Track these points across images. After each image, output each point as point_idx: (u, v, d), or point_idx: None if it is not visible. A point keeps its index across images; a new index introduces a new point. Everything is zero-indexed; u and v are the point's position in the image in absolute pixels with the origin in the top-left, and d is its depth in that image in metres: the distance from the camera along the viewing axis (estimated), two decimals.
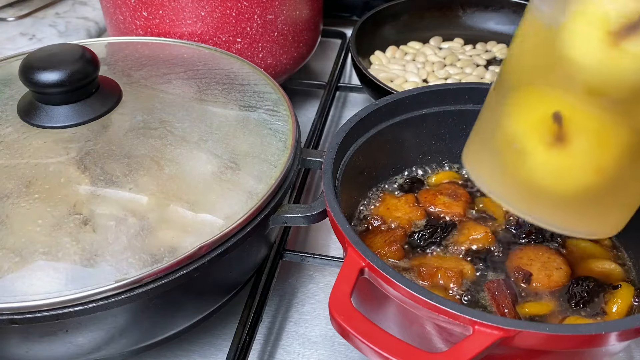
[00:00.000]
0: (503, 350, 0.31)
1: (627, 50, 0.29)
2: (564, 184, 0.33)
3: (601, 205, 0.34)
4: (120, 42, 0.55)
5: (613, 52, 0.29)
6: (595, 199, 0.34)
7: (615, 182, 0.33)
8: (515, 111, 0.34)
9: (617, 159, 0.32)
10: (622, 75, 0.30)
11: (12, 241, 0.35)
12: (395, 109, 0.47)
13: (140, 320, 0.38)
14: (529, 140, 0.34)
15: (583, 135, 0.32)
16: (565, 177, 0.33)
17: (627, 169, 0.32)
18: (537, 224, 0.36)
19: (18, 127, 0.42)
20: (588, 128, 0.31)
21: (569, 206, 0.34)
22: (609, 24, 0.29)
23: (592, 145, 0.32)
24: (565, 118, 0.32)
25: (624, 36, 0.29)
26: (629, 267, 0.43)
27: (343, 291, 0.32)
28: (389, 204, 0.47)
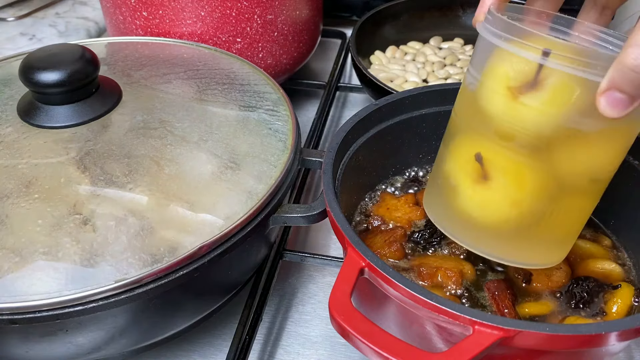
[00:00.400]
0: (503, 350, 0.31)
1: (524, 102, 0.34)
2: (488, 216, 0.38)
3: (532, 237, 0.38)
4: (120, 42, 0.55)
5: (514, 104, 0.34)
6: (523, 231, 0.37)
7: (537, 215, 0.37)
8: (451, 154, 0.39)
9: (532, 194, 0.36)
10: (523, 124, 0.34)
11: (12, 241, 0.35)
12: (395, 109, 0.47)
13: (140, 320, 0.38)
14: (459, 177, 0.39)
15: (499, 173, 0.36)
16: (488, 209, 0.37)
17: (546, 203, 0.36)
18: (483, 255, 0.39)
19: (18, 127, 0.42)
20: (503, 167, 0.36)
21: (502, 238, 0.38)
22: (509, 81, 0.34)
23: (508, 182, 0.36)
24: (485, 158, 0.37)
25: (522, 91, 0.34)
26: (629, 267, 0.43)
27: (343, 291, 0.32)
28: (389, 204, 0.47)
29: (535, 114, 0.34)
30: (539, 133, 0.34)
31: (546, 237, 0.38)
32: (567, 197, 0.36)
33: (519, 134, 0.34)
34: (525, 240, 0.38)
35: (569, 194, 0.36)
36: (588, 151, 0.34)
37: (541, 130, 0.34)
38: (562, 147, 0.34)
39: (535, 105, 0.33)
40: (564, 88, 0.32)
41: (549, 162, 0.35)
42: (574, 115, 0.33)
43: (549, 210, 0.36)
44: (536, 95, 0.33)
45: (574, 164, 0.35)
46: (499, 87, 0.35)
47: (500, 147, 0.36)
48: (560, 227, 0.38)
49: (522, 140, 0.34)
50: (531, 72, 0.33)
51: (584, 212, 0.38)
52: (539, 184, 0.36)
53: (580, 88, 0.32)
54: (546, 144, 0.34)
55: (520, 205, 0.36)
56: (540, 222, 0.37)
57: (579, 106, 0.32)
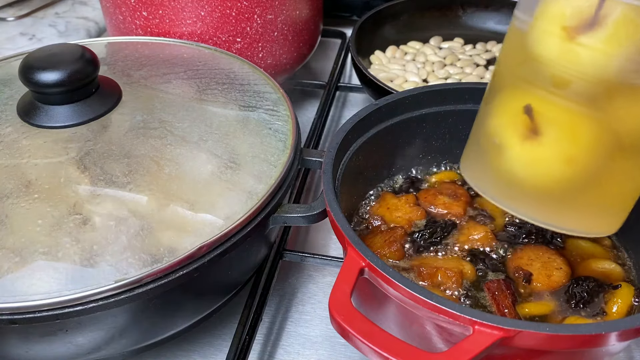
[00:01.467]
0: (503, 350, 0.31)
1: (582, 43, 0.31)
2: (539, 175, 0.35)
3: (585, 201, 0.35)
4: (120, 42, 0.55)
5: (570, 46, 0.32)
6: (576, 193, 0.35)
7: (592, 175, 0.34)
8: (495, 110, 0.37)
9: (588, 151, 0.33)
10: (580, 67, 0.32)
11: (12, 241, 0.35)
12: (395, 109, 0.47)
13: (140, 320, 0.38)
14: (506, 134, 0.36)
15: (552, 126, 0.34)
16: (539, 168, 0.35)
17: (602, 162, 0.33)
18: (529, 221, 0.37)
19: (18, 127, 0.42)
20: (557, 120, 0.33)
21: (553, 201, 0.36)
22: (565, 20, 0.32)
23: (562, 136, 0.34)
24: (535, 110, 0.34)
25: (579, 31, 0.31)
26: (629, 267, 0.43)
27: (343, 291, 0.32)
28: (389, 204, 0.47)
29: (595, 55, 0.31)
30: (599, 77, 0.31)
31: (602, 202, 0.35)
32: (626, 158, 0.34)
33: (576, 79, 0.32)
34: (578, 204, 0.35)
35: (628, 154, 0.33)
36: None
37: (602, 73, 0.31)
38: (624, 97, 0.31)
39: (595, 45, 0.30)
40: (628, 24, 0.30)
41: (608, 114, 0.32)
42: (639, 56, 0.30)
43: (606, 171, 0.34)
44: (596, 34, 0.30)
45: (635, 119, 0.32)
46: (553, 28, 0.32)
47: (554, 97, 0.33)
48: (617, 192, 0.35)
49: (579, 87, 0.32)
50: (590, 9, 0.30)
51: None
52: (596, 139, 0.33)
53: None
54: (606, 91, 0.31)
55: (575, 163, 0.33)
56: (596, 184, 0.34)
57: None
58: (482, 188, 0.39)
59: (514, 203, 0.37)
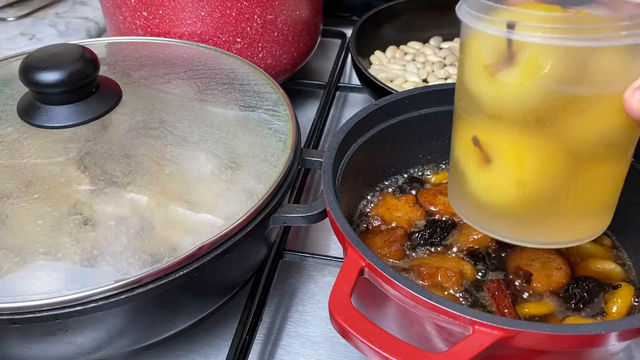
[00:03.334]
0: (503, 350, 0.31)
1: (500, 80, 0.33)
2: (495, 199, 0.37)
3: (561, 215, 0.36)
4: (120, 42, 0.55)
5: (492, 83, 0.33)
6: (545, 209, 0.36)
7: (557, 191, 0.35)
8: (456, 139, 0.39)
9: (538, 172, 0.34)
10: (504, 101, 0.33)
11: (12, 241, 0.35)
12: (395, 109, 0.47)
13: (140, 320, 0.38)
14: (465, 162, 0.38)
15: (497, 154, 0.35)
16: (495, 193, 0.36)
17: (563, 177, 0.34)
18: (504, 240, 0.38)
19: (18, 127, 0.42)
20: (501, 148, 0.35)
21: (514, 218, 0.37)
22: (484, 58, 0.33)
23: (508, 163, 0.35)
24: (481, 141, 0.35)
25: (498, 68, 0.33)
26: (629, 267, 0.43)
27: (343, 291, 0.32)
28: (389, 204, 0.47)
29: (514, 90, 0.32)
30: (523, 109, 0.33)
31: (578, 210, 0.36)
32: (588, 168, 0.34)
33: (504, 113, 0.33)
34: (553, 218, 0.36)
35: (588, 164, 0.34)
36: (589, 118, 0.32)
37: (524, 105, 0.32)
38: (558, 118, 0.32)
39: (511, 80, 0.32)
40: (535, 58, 0.31)
41: (550, 137, 0.33)
42: (555, 84, 0.31)
43: (570, 184, 0.34)
44: (511, 71, 0.32)
45: (578, 134, 0.33)
46: (476, 67, 0.34)
47: (492, 128, 0.35)
48: (592, 197, 0.36)
49: (509, 119, 0.33)
50: (504, 48, 0.32)
51: (615, 177, 0.36)
52: (545, 160, 0.34)
53: (553, 56, 0.31)
54: (536, 118, 0.33)
55: (525, 186, 0.35)
56: (564, 198, 0.35)
57: (557, 74, 0.31)
58: (462, 213, 0.40)
59: (489, 226, 0.38)
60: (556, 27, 0.30)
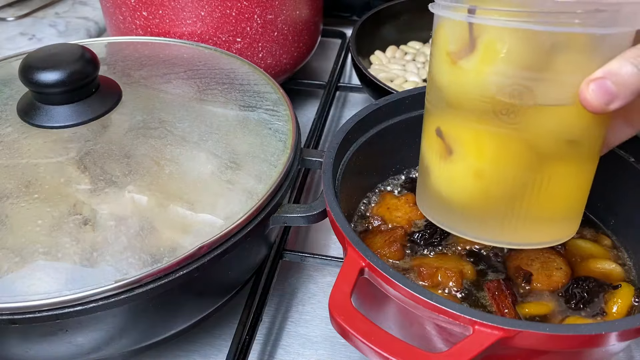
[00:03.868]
0: (503, 350, 0.31)
1: (461, 66, 0.33)
2: (455, 192, 0.36)
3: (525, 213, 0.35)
4: (120, 42, 0.55)
5: (454, 70, 0.33)
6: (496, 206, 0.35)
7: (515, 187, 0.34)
8: (423, 134, 0.38)
9: (496, 163, 0.34)
10: (464, 88, 0.33)
11: (12, 241, 0.35)
12: (395, 109, 0.47)
13: (140, 320, 0.38)
14: (428, 155, 0.38)
15: (459, 144, 0.35)
16: (454, 185, 0.36)
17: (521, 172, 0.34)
18: (461, 236, 0.38)
19: (18, 127, 0.42)
20: (461, 138, 0.35)
21: (474, 214, 0.37)
22: (448, 45, 0.34)
23: (467, 152, 0.35)
24: (444, 132, 0.35)
25: (460, 55, 0.33)
26: (629, 267, 0.43)
27: (343, 291, 0.32)
28: (389, 204, 0.47)
29: (473, 76, 0.32)
30: (481, 96, 0.32)
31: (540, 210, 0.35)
32: (550, 166, 0.34)
33: (465, 100, 0.33)
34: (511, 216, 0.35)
35: (550, 161, 0.34)
36: (550, 112, 0.32)
37: (482, 92, 0.32)
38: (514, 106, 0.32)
39: (471, 66, 0.32)
40: (493, 42, 0.31)
41: (506, 126, 0.33)
42: (512, 70, 0.31)
43: (531, 181, 0.34)
44: (471, 57, 0.32)
45: (535, 126, 0.33)
46: (440, 54, 0.34)
47: (453, 117, 0.34)
48: (555, 197, 0.35)
49: (469, 106, 0.33)
50: (466, 34, 0.32)
51: (579, 181, 0.36)
52: (505, 151, 0.34)
53: (511, 40, 0.30)
54: (493, 106, 0.32)
55: (482, 176, 0.35)
56: (525, 196, 0.35)
57: (515, 60, 0.31)
58: (424, 210, 0.40)
59: (450, 222, 0.38)
60: (513, 10, 0.30)
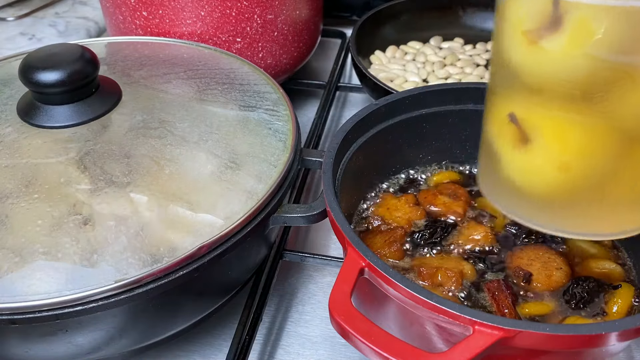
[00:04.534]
0: (503, 350, 0.31)
1: (544, 48, 0.29)
2: (534, 183, 0.33)
3: (602, 203, 0.33)
4: (120, 42, 0.55)
5: (534, 51, 0.30)
6: (581, 197, 0.33)
7: (604, 176, 0.32)
8: (488, 117, 0.35)
9: (584, 155, 0.31)
10: (548, 73, 0.30)
11: (12, 241, 0.35)
12: (395, 109, 0.47)
13: (140, 320, 0.38)
14: (498, 142, 0.35)
15: (539, 133, 0.32)
16: (533, 176, 0.33)
17: (612, 161, 0.31)
18: (536, 228, 0.36)
19: (18, 127, 0.42)
20: (542, 126, 0.32)
21: (555, 206, 0.34)
22: (523, 24, 0.30)
23: (550, 143, 0.32)
24: (520, 118, 0.32)
25: (539, 34, 0.29)
26: (629, 267, 0.43)
27: (343, 291, 0.32)
28: (389, 204, 0.47)
29: (559, 59, 0.29)
30: (568, 81, 0.29)
31: (626, 198, 0.32)
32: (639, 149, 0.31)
33: (547, 86, 0.30)
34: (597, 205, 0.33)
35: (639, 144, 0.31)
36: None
37: (570, 77, 0.29)
38: (610, 93, 0.29)
39: (557, 48, 0.29)
40: (586, 22, 0.28)
41: (599, 114, 0.30)
42: (608, 53, 0.28)
43: (619, 167, 0.31)
44: (556, 37, 0.29)
45: (632, 110, 0.29)
46: (514, 33, 0.31)
47: (533, 103, 0.31)
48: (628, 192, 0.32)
49: (552, 93, 0.30)
50: (547, 11, 0.28)
51: None
52: (592, 141, 0.31)
53: (607, 19, 0.27)
54: (583, 92, 0.29)
55: (568, 169, 0.32)
56: (611, 183, 0.32)
57: (612, 41, 0.28)
58: (495, 199, 0.37)
59: (523, 212, 0.35)
60: None
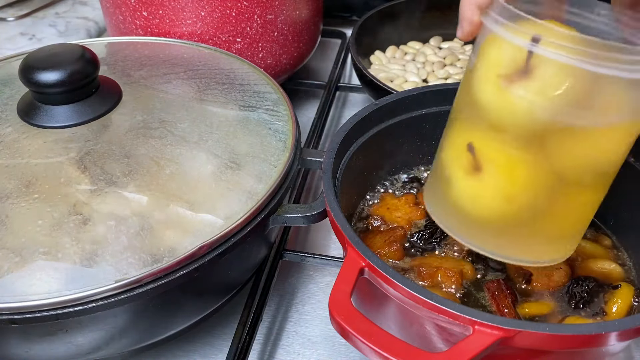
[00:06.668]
0: (503, 350, 0.31)
1: (513, 93, 0.32)
2: (480, 210, 0.36)
3: (534, 234, 0.36)
4: (120, 42, 0.55)
5: (504, 94, 0.32)
6: (522, 228, 0.36)
7: (537, 211, 0.35)
8: (448, 142, 0.38)
9: (527, 190, 0.34)
10: (513, 115, 0.32)
11: (12, 241, 0.35)
12: (395, 109, 0.47)
13: (140, 320, 0.38)
14: (453, 167, 0.37)
15: (492, 165, 0.34)
16: (479, 203, 0.36)
17: (545, 198, 0.34)
18: (479, 252, 0.38)
19: (18, 127, 0.42)
20: (496, 160, 0.34)
21: (500, 234, 0.36)
22: (500, 68, 0.32)
23: (500, 176, 0.34)
24: (477, 149, 0.35)
25: (512, 80, 0.32)
26: (629, 267, 0.43)
27: (343, 291, 0.32)
28: (389, 204, 0.47)
29: (525, 106, 0.32)
30: (530, 126, 0.32)
31: (550, 232, 0.36)
32: (570, 192, 0.34)
33: (510, 126, 0.33)
34: (526, 236, 0.36)
35: (572, 188, 0.34)
36: (588, 146, 0.32)
37: (532, 123, 0.32)
38: (559, 141, 0.32)
39: (525, 95, 0.31)
40: (554, 76, 0.31)
41: (545, 157, 0.33)
42: (567, 107, 0.31)
43: (550, 205, 0.35)
44: (526, 85, 0.31)
45: (573, 159, 0.33)
46: (489, 74, 0.33)
47: (491, 138, 0.34)
48: (565, 221, 0.36)
49: (513, 133, 0.33)
50: (522, 60, 0.31)
51: (591, 205, 0.36)
52: (535, 179, 0.34)
53: (572, 78, 0.30)
54: (540, 137, 0.32)
55: (513, 201, 0.35)
56: (541, 218, 0.35)
57: (572, 97, 0.31)
58: (438, 218, 0.40)
59: (464, 234, 0.38)
60: (579, 48, 0.29)
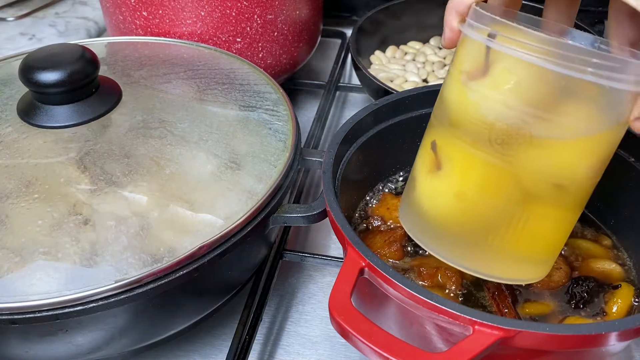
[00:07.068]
0: (503, 350, 0.31)
1: (470, 87, 0.33)
2: (434, 206, 0.36)
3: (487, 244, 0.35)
4: (120, 42, 0.55)
5: (463, 89, 0.34)
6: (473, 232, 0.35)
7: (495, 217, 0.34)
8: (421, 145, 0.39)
9: (480, 190, 0.34)
10: (467, 109, 0.33)
11: (12, 241, 0.35)
12: (395, 109, 0.47)
13: (140, 320, 0.38)
14: (418, 167, 0.38)
15: (448, 161, 0.35)
16: (434, 199, 0.37)
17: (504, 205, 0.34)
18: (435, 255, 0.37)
19: (18, 127, 0.42)
20: (452, 156, 0.35)
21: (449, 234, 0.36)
22: (464, 65, 0.34)
23: (454, 171, 0.35)
24: (438, 146, 0.36)
25: (473, 77, 0.33)
26: (629, 267, 0.43)
27: (343, 291, 0.32)
28: (389, 204, 0.47)
29: (478, 100, 0.32)
30: (480, 121, 0.32)
31: (516, 248, 0.35)
32: (533, 205, 0.34)
33: (465, 121, 0.33)
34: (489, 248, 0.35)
35: (534, 200, 0.34)
36: (547, 156, 0.32)
37: (482, 117, 0.32)
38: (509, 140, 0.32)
39: (479, 89, 0.32)
40: (505, 71, 0.31)
41: (497, 156, 0.33)
42: (517, 103, 0.31)
43: (512, 216, 0.34)
44: (482, 80, 0.32)
45: (526, 163, 0.33)
46: (454, 72, 0.34)
47: (451, 135, 0.35)
48: (532, 238, 0.35)
49: (467, 128, 0.33)
50: (482, 56, 0.32)
51: (558, 226, 0.36)
52: (489, 179, 0.34)
53: (521, 72, 0.31)
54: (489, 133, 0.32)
55: (463, 198, 0.35)
56: (503, 229, 0.34)
57: (522, 94, 0.31)
58: (405, 222, 0.40)
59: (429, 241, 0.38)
60: (531, 44, 0.30)
